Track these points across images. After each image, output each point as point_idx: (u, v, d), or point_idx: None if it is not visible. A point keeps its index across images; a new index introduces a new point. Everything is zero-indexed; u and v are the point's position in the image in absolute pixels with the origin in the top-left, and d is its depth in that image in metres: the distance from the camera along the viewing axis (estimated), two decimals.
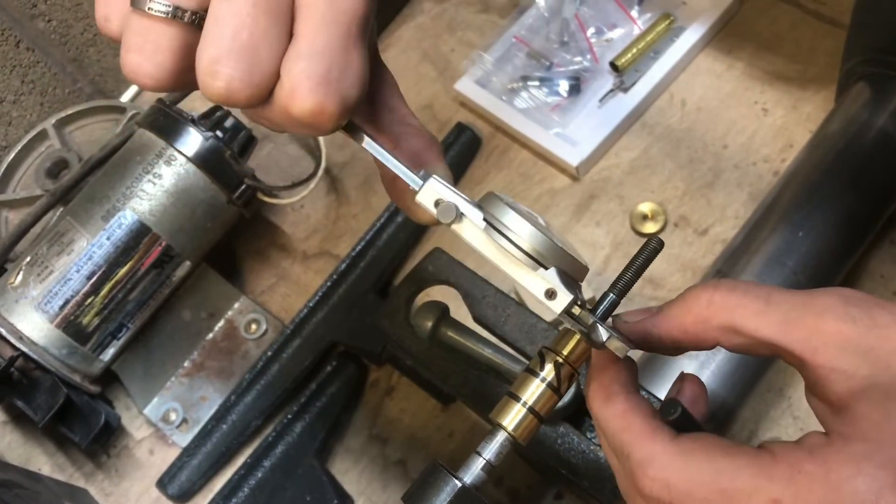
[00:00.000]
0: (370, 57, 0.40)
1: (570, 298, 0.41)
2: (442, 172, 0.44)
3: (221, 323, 0.94)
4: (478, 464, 0.45)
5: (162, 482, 0.87)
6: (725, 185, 0.91)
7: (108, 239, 0.83)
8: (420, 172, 0.43)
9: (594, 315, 0.43)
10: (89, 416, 0.83)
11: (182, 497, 0.87)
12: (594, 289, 0.87)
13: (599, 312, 0.44)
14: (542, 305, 0.42)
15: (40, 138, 1.00)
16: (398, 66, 1.05)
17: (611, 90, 0.96)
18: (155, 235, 0.84)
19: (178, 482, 0.87)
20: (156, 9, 0.38)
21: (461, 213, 0.42)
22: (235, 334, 0.93)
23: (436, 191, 0.42)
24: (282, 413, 0.88)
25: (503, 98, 0.98)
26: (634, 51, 0.96)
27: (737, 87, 0.96)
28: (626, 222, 0.91)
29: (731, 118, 0.94)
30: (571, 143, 0.94)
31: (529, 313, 0.69)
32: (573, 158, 0.93)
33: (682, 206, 0.91)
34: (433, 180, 0.42)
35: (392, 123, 0.46)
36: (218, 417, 0.88)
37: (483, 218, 0.42)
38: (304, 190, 0.94)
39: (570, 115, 0.95)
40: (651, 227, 0.90)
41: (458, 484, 0.43)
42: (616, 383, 0.44)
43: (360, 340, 0.85)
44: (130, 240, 0.83)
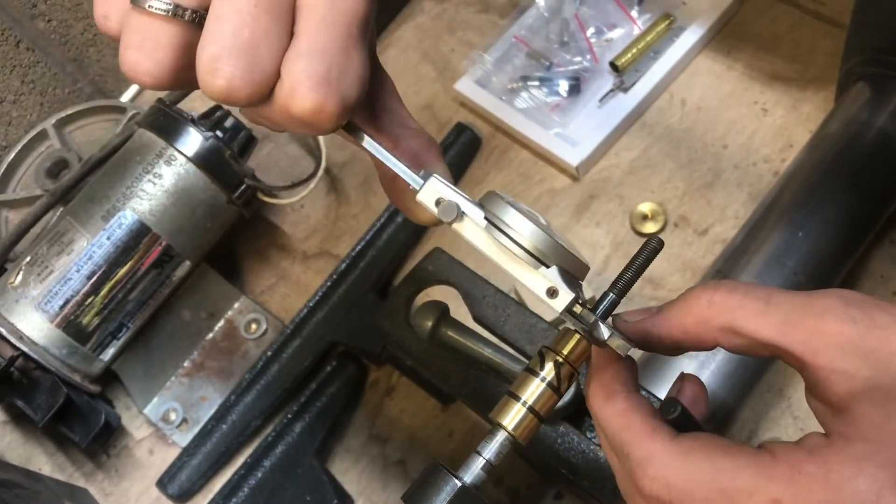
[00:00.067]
0: (370, 58, 0.40)
1: (572, 297, 0.41)
2: (441, 173, 0.44)
3: (221, 323, 0.94)
4: (478, 463, 0.44)
5: (162, 482, 0.87)
6: (725, 185, 0.91)
7: (108, 239, 0.83)
8: (420, 172, 0.43)
9: (595, 314, 0.43)
10: (89, 416, 0.83)
11: (182, 497, 0.87)
12: (594, 288, 0.87)
13: (599, 312, 0.44)
14: (543, 304, 0.41)
15: (40, 138, 1.00)
16: (398, 66, 1.05)
17: (611, 90, 0.96)
18: (155, 235, 0.84)
19: (178, 482, 0.87)
20: (156, 7, 0.38)
21: (462, 212, 0.41)
22: (235, 334, 0.93)
23: (437, 190, 0.42)
24: (282, 413, 0.88)
25: (503, 98, 0.98)
26: (634, 51, 0.96)
27: (736, 88, 0.96)
28: (626, 222, 0.91)
29: (731, 118, 0.94)
30: (571, 143, 0.94)
31: (529, 313, 0.69)
32: (573, 158, 0.93)
33: (682, 206, 0.91)
34: (434, 179, 0.42)
35: (391, 125, 0.46)
36: (218, 417, 0.88)
37: (484, 216, 0.41)
38: (304, 190, 0.94)
39: (570, 115, 0.95)
40: (651, 227, 0.90)
41: (458, 483, 0.43)
42: (616, 382, 0.44)
43: (360, 340, 0.85)
44: (130, 240, 0.83)
